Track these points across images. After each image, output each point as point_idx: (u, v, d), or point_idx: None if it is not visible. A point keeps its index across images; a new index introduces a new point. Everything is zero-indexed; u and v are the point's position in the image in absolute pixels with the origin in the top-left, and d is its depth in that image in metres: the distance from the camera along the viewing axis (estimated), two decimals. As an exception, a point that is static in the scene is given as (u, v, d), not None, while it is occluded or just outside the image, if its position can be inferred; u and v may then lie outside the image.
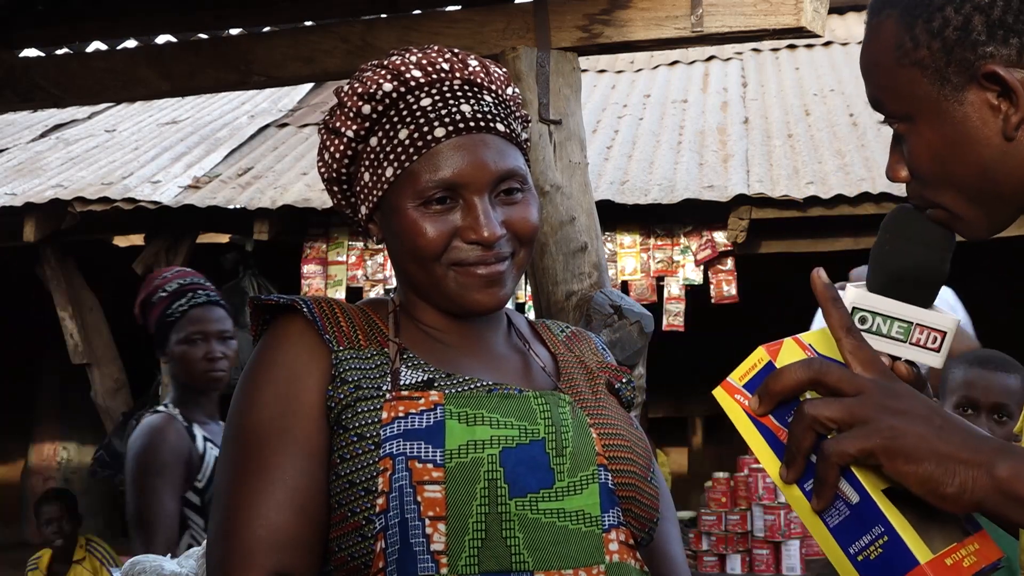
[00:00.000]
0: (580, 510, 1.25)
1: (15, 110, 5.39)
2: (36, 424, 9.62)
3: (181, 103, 9.22)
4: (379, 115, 1.35)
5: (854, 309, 1.09)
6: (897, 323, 1.09)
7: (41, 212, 6.66)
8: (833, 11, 9.30)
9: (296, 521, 1.23)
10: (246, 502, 1.24)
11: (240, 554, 1.22)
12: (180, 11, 4.12)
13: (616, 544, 1.25)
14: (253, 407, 1.28)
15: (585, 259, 3.62)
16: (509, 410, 1.28)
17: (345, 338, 1.31)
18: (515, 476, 1.24)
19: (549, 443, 1.27)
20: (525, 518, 1.23)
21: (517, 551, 1.21)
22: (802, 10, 3.48)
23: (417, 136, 1.32)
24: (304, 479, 1.24)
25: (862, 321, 1.09)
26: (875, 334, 1.09)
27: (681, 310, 6.58)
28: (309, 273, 6.86)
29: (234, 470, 1.27)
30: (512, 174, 1.33)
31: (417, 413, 1.25)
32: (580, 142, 3.75)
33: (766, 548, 6.11)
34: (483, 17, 3.77)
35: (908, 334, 1.09)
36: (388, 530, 1.21)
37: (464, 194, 1.31)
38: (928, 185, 1.13)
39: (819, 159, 6.73)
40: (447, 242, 1.30)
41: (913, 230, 1.13)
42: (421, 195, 1.31)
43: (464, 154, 1.31)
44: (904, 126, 1.12)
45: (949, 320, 1.10)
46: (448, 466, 1.22)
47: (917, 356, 1.10)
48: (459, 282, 1.31)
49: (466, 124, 1.32)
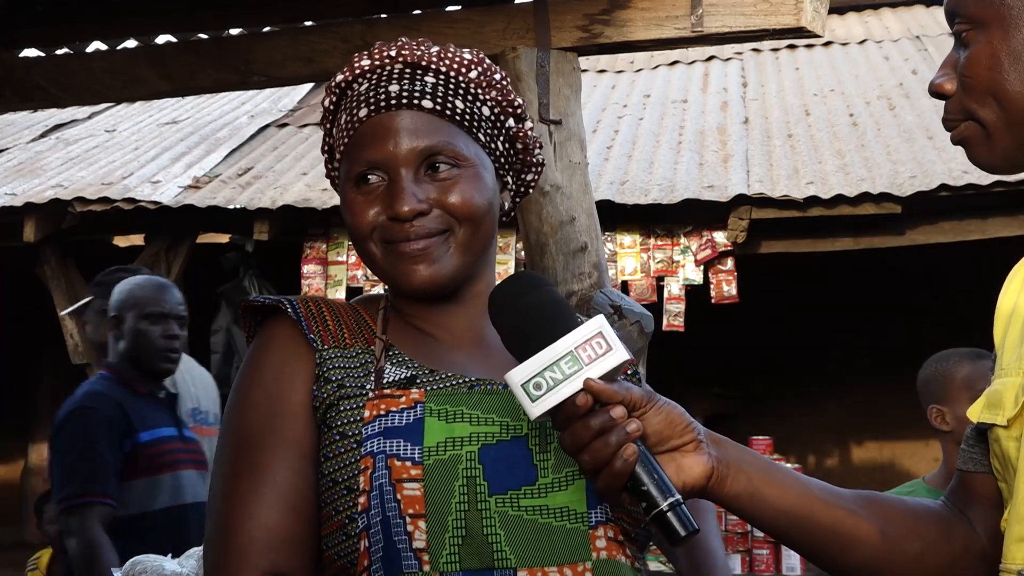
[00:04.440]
0: (565, 506, 1.25)
1: (15, 110, 5.39)
2: (36, 424, 9.62)
3: (181, 103, 9.22)
4: (334, 106, 1.40)
5: (522, 387, 1.13)
6: (561, 362, 1.13)
7: (41, 212, 6.65)
8: (833, 11, 9.30)
9: (289, 520, 1.24)
10: (239, 503, 1.25)
11: (235, 555, 1.23)
12: (180, 11, 4.12)
13: (604, 541, 1.25)
14: (243, 409, 1.30)
15: (585, 259, 3.62)
16: (491, 407, 1.28)
17: (331, 337, 1.32)
18: (495, 473, 1.24)
19: (532, 439, 1.27)
20: (506, 515, 1.22)
21: (499, 548, 1.21)
22: (802, 10, 3.48)
23: (348, 120, 1.36)
24: (295, 478, 1.25)
25: (537, 387, 1.12)
26: (558, 383, 1.12)
27: (681, 310, 6.57)
28: (309, 273, 6.86)
29: (227, 472, 1.28)
30: (436, 150, 1.33)
31: (398, 411, 1.25)
32: (580, 142, 3.74)
33: (766, 548, 6.12)
34: (483, 17, 3.77)
35: (577, 360, 1.13)
36: (371, 528, 1.22)
37: (388, 171, 1.32)
38: (975, 95, 1.15)
39: (819, 159, 6.73)
40: (376, 220, 1.32)
41: (504, 297, 1.19)
42: (351, 175, 1.35)
43: (382, 131, 1.33)
44: (974, 32, 1.15)
45: (594, 322, 1.15)
46: (426, 463, 1.22)
47: (605, 365, 1.13)
48: (388, 260, 1.34)
49: (387, 103, 1.33)
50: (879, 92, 7.89)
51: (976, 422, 1.26)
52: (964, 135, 1.18)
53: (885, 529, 1.28)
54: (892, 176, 6.23)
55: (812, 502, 1.26)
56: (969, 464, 1.32)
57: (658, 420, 1.18)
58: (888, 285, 8.11)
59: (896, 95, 7.74)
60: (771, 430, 6.64)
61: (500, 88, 1.40)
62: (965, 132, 1.18)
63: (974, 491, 1.31)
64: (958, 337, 3.79)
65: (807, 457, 8.33)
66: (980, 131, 1.17)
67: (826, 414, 8.60)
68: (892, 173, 6.27)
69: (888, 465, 8.54)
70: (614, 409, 1.13)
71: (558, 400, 1.13)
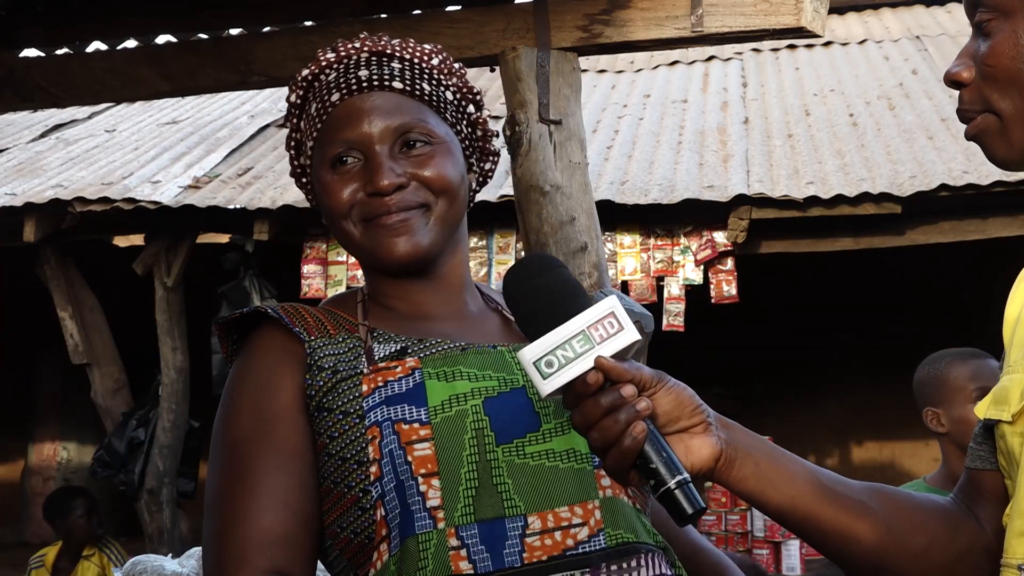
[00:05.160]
0: (570, 448, 1.27)
1: (15, 110, 5.39)
2: (36, 424, 9.63)
3: (181, 103, 9.22)
4: (301, 99, 1.43)
5: (534, 364, 1.14)
6: (573, 341, 1.15)
7: (41, 212, 6.65)
8: (833, 11, 9.30)
9: (283, 519, 1.26)
10: (233, 507, 1.27)
11: (232, 556, 1.25)
12: (180, 11, 4.12)
13: (608, 479, 1.27)
14: (231, 419, 1.32)
15: (585, 259, 3.62)
16: (486, 364, 1.31)
17: (315, 329, 1.35)
18: (500, 423, 1.26)
19: (530, 389, 1.29)
20: (512, 464, 1.25)
21: (508, 496, 1.23)
22: (802, 10, 3.48)
23: (320, 106, 1.40)
24: (288, 478, 1.27)
25: (548, 365, 1.14)
26: (569, 361, 1.14)
27: (681, 310, 6.57)
28: (309, 273, 6.86)
29: (220, 480, 1.30)
30: (410, 127, 1.37)
31: (396, 380, 1.28)
32: (580, 142, 3.74)
33: (766, 548, 6.12)
34: (483, 17, 3.77)
35: (589, 339, 1.14)
36: (385, 496, 1.24)
37: (364, 150, 1.36)
38: (996, 85, 1.14)
39: (819, 159, 6.72)
40: (354, 198, 1.36)
41: (517, 278, 1.21)
42: (327, 158, 1.38)
43: (356, 111, 1.37)
44: (997, 21, 1.15)
45: (606, 302, 1.17)
46: (434, 422, 1.25)
47: (616, 345, 1.15)
48: (367, 236, 1.37)
49: (359, 86, 1.38)
50: (879, 92, 7.89)
51: (983, 419, 1.26)
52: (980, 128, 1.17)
53: (891, 521, 1.28)
54: (892, 176, 6.23)
55: (819, 490, 1.26)
56: (977, 461, 1.32)
57: (668, 400, 1.18)
58: (888, 285, 8.11)
59: (896, 95, 7.74)
60: (771, 430, 6.64)
61: (459, 76, 1.46)
62: (981, 125, 1.17)
63: (982, 488, 1.31)
64: (958, 337, 3.79)
65: (807, 457, 8.16)
66: (997, 124, 1.16)
67: (826, 414, 8.60)
68: (892, 173, 6.27)
69: (888, 465, 8.54)
70: (624, 388, 1.14)
71: (569, 378, 1.14)
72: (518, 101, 3.65)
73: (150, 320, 6.82)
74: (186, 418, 6.76)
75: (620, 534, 1.24)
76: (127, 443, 6.68)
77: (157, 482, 6.64)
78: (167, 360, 6.77)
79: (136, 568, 2.34)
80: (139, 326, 7.18)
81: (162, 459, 6.65)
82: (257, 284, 6.93)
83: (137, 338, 7.25)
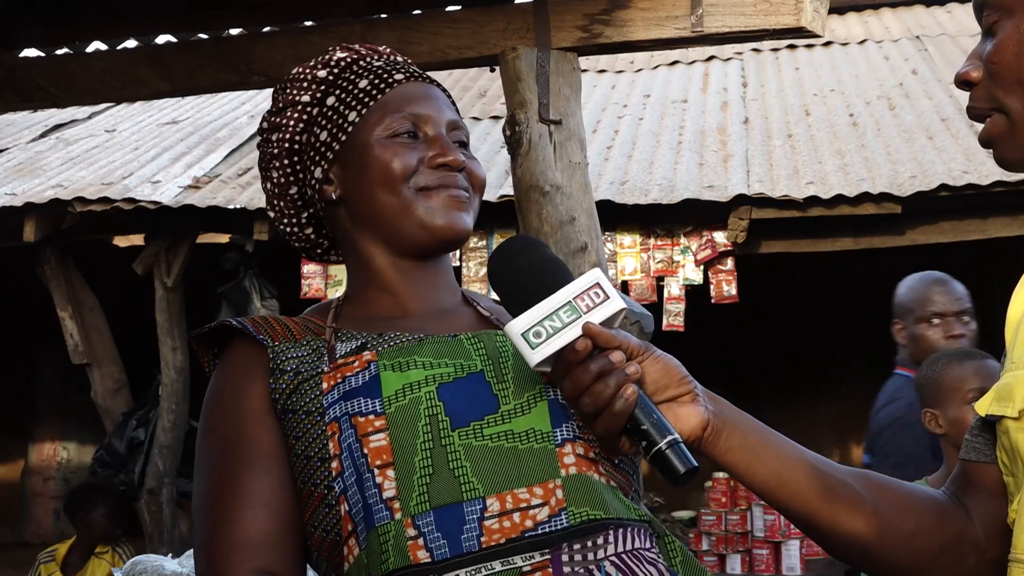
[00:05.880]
0: (530, 428, 1.26)
1: (15, 110, 5.38)
2: (36, 424, 9.63)
3: (181, 103, 9.22)
4: (335, 76, 1.47)
5: (522, 335, 1.16)
6: (560, 311, 1.17)
7: (41, 212, 6.65)
8: (833, 11, 9.30)
9: (263, 518, 1.28)
10: (219, 512, 1.29)
11: (219, 558, 1.27)
12: (180, 11, 4.12)
13: (572, 457, 1.25)
14: (207, 429, 1.36)
15: (585, 259, 3.62)
16: (442, 352, 1.32)
17: (280, 335, 1.37)
18: (455, 408, 1.26)
19: (489, 373, 1.30)
20: (470, 447, 1.24)
21: (466, 480, 1.23)
22: (802, 10, 3.48)
23: (378, 81, 1.44)
24: (265, 477, 1.29)
25: (536, 335, 1.16)
26: (557, 331, 1.16)
27: (681, 310, 6.57)
28: (309, 273, 6.86)
29: (205, 486, 1.33)
30: (459, 126, 1.46)
31: (353, 375, 1.29)
32: (580, 142, 3.74)
33: (766, 548, 6.12)
34: (483, 17, 3.77)
35: (576, 309, 1.17)
36: (348, 491, 1.24)
37: (426, 130, 1.42)
38: (1002, 83, 1.15)
39: (819, 159, 6.73)
40: (416, 166, 1.40)
41: (502, 257, 1.24)
42: (389, 127, 1.41)
43: (422, 93, 1.45)
44: (1002, 20, 1.15)
45: (591, 274, 1.19)
46: (388, 412, 1.25)
47: (602, 313, 1.17)
48: (426, 205, 1.40)
49: (418, 75, 1.47)
50: (879, 92, 7.89)
51: (984, 415, 1.26)
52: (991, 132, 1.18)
53: (878, 504, 1.28)
54: (892, 176, 6.23)
55: (807, 468, 1.26)
56: (971, 453, 1.32)
57: (656, 369, 1.20)
58: (888, 285, 8.10)
59: (896, 95, 7.74)
60: (771, 430, 6.64)
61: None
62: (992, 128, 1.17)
63: (975, 480, 1.31)
64: (958, 337, 3.78)
65: (807, 457, 8.31)
66: (1006, 124, 1.16)
67: (826, 414, 8.60)
68: (892, 173, 6.27)
69: (888, 465, 8.54)
70: (613, 354, 1.16)
71: (558, 346, 1.16)
72: (518, 101, 3.65)
73: (150, 320, 6.82)
74: (186, 418, 6.75)
75: (584, 511, 1.22)
76: (127, 443, 6.68)
77: (157, 482, 6.64)
78: (167, 360, 6.77)
79: (136, 568, 2.34)
80: (139, 326, 7.18)
81: (162, 459, 6.66)
82: (257, 284, 6.94)
83: (137, 338, 7.25)
